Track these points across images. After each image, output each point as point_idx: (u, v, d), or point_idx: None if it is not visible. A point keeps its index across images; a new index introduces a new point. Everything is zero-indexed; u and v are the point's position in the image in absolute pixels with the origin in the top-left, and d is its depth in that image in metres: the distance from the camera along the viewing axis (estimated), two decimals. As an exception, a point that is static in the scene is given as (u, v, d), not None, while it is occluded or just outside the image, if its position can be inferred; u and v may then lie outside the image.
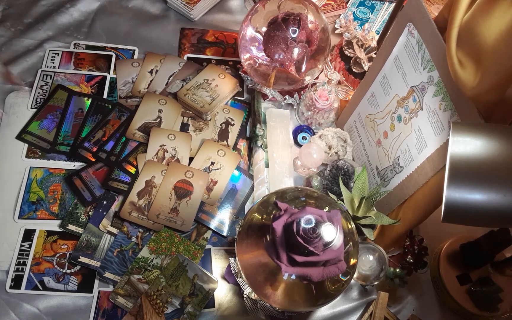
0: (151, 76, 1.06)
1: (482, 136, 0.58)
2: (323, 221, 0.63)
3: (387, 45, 0.85)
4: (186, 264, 0.83)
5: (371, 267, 0.83)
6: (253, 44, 0.98)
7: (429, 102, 0.76)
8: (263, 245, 0.66)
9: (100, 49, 1.10)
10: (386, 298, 0.82)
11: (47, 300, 0.81)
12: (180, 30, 1.17)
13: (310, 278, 0.63)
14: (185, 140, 0.97)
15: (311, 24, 0.95)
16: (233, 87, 1.06)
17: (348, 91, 1.08)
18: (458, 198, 0.56)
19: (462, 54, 0.64)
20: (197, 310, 0.80)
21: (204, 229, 0.89)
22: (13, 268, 0.82)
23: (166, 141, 0.96)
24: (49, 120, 0.97)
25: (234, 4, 1.24)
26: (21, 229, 0.86)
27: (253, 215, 0.72)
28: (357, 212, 0.85)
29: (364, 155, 0.96)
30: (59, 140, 0.95)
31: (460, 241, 0.86)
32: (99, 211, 0.88)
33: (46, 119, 0.97)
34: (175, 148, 0.95)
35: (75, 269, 0.83)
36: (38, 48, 1.08)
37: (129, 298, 0.80)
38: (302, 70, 0.97)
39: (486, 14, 0.60)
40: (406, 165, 0.82)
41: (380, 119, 0.90)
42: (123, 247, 0.85)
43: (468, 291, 0.82)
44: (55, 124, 0.97)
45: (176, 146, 0.96)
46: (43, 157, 0.93)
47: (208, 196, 0.92)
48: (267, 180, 0.94)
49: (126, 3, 1.20)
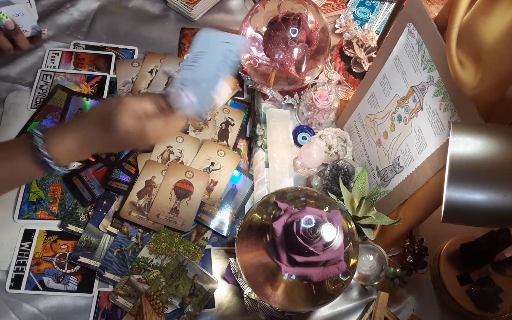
0: (151, 76, 1.06)
1: (482, 136, 0.58)
2: (323, 221, 0.63)
3: (387, 45, 0.85)
4: (186, 264, 0.83)
5: (371, 267, 0.83)
6: (253, 44, 0.98)
7: (429, 102, 0.76)
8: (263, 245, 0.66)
9: (100, 49, 1.10)
10: (386, 298, 0.82)
11: (47, 300, 0.81)
12: (180, 30, 1.17)
13: (310, 278, 0.63)
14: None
15: (311, 24, 0.95)
16: (233, 87, 1.06)
17: (348, 91, 1.08)
18: (458, 198, 0.56)
19: (462, 54, 0.64)
20: (197, 310, 0.80)
21: (204, 229, 0.89)
22: (13, 268, 0.82)
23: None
24: (48, 120, 0.97)
25: (234, 4, 1.24)
26: (21, 229, 0.86)
27: (253, 215, 0.72)
28: (357, 212, 0.84)
29: (364, 155, 0.96)
30: (59, 140, 0.95)
31: (460, 241, 0.86)
32: (99, 211, 0.88)
33: (45, 119, 0.97)
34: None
35: (75, 269, 0.83)
36: (38, 48, 1.08)
37: (129, 298, 0.80)
38: (302, 70, 0.97)
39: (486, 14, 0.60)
40: (406, 165, 0.82)
41: (380, 119, 0.90)
42: (123, 247, 0.85)
43: (468, 291, 0.82)
44: (54, 124, 0.97)
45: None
46: (43, 157, 0.93)
47: (208, 196, 0.92)
48: (267, 180, 0.94)
49: (126, 3, 1.20)
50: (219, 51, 0.71)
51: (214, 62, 0.70)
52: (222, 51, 0.71)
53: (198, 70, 0.69)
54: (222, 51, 0.71)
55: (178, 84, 0.69)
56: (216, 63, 0.70)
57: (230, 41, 0.72)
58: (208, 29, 0.73)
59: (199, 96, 0.69)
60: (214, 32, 0.72)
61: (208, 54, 0.70)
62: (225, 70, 0.70)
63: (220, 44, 0.71)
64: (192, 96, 0.68)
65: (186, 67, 0.70)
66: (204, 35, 0.72)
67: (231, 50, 0.71)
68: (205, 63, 0.70)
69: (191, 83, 0.69)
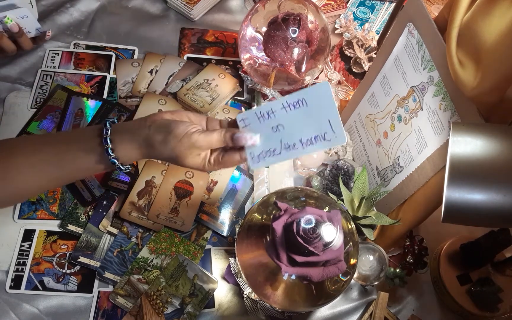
0: (151, 76, 1.06)
1: (482, 136, 0.58)
2: (323, 221, 0.63)
3: (387, 45, 0.85)
4: (186, 264, 0.83)
5: (371, 267, 0.83)
6: (253, 44, 0.98)
7: (429, 102, 0.76)
8: (263, 245, 0.66)
9: (100, 49, 1.10)
10: (386, 298, 0.82)
11: (47, 300, 0.81)
12: (180, 30, 1.17)
13: (310, 278, 0.63)
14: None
15: (311, 24, 0.95)
16: (233, 87, 1.06)
17: (348, 91, 1.08)
18: (458, 198, 0.56)
19: (462, 54, 0.64)
20: (197, 310, 0.80)
21: (204, 229, 0.89)
22: (13, 268, 0.82)
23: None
24: (48, 120, 0.97)
25: (234, 4, 1.24)
26: (21, 229, 0.85)
27: (253, 215, 0.72)
28: (357, 212, 0.84)
29: (364, 155, 0.96)
30: (59, 140, 0.95)
31: (460, 241, 0.86)
32: (99, 211, 0.88)
33: (45, 119, 0.97)
34: None
35: (75, 269, 0.83)
36: (38, 48, 1.08)
37: (129, 298, 0.80)
38: (302, 70, 0.97)
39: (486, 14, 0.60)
40: (406, 165, 0.82)
41: (380, 119, 0.90)
42: (123, 247, 0.85)
43: (468, 291, 0.82)
44: (54, 124, 0.97)
45: None
46: (43, 157, 0.93)
47: (208, 196, 0.92)
48: (267, 180, 0.94)
49: (126, 3, 1.20)
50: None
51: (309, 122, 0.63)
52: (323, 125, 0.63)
53: (286, 124, 0.63)
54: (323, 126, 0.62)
55: (249, 127, 0.64)
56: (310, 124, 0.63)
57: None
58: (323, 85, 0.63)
59: (267, 149, 0.64)
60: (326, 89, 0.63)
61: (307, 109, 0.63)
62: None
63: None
64: (259, 143, 0.64)
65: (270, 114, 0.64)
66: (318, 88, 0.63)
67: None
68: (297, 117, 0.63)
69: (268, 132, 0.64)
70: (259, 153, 0.65)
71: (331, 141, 0.62)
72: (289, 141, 0.64)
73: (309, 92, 0.62)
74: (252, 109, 0.65)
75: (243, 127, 0.65)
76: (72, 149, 0.65)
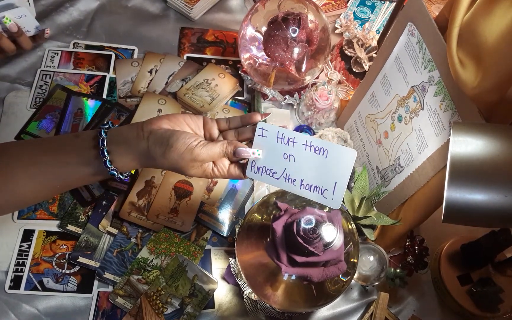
0: (151, 75, 1.06)
1: (483, 136, 0.57)
2: (323, 221, 0.63)
3: (388, 45, 0.85)
4: (185, 264, 0.83)
5: (372, 267, 0.83)
6: (253, 44, 0.97)
7: (429, 102, 0.76)
8: (263, 245, 0.66)
9: (100, 49, 1.10)
10: (386, 298, 0.81)
11: (46, 300, 0.80)
12: (180, 30, 1.17)
13: (310, 278, 0.63)
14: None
15: (311, 23, 0.95)
16: (233, 86, 1.06)
17: (349, 91, 1.08)
18: (458, 198, 0.56)
19: (463, 53, 0.64)
20: (196, 311, 0.80)
21: (204, 230, 0.89)
22: (12, 268, 0.81)
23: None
24: (48, 120, 0.97)
25: (234, 4, 1.23)
26: (20, 229, 0.85)
27: (253, 215, 0.71)
28: (357, 212, 0.84)
29: (364, 155, 0.95)
30: (58, 140, 0.95)
31: (461, 242, 0.86)
32: (98, 211, 0.87)
33: (45, 119, 0.97)
34: None
35: (74, 269, 0.83)
36: (37, 48, 1.08)
37: (129, 298, 0.80)
38: (302, 69, 0.97)
39: (487, 14, 0.60)
40: (406, 165, 0.82)
41: (380, 119, 0.89)
42: (122, 247, 0.85)
43: (469, 292, 0.82)
44: (54, 124, 0.96)
45: None
46: (42, 157, 0.93)
47: (208, 196, 0.92)
48: (267, 180, 0.94)
49: (126, 2, 1.20)
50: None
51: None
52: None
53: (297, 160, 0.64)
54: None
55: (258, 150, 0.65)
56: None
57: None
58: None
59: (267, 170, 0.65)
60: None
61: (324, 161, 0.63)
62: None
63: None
64: (259, 161, 0.65)
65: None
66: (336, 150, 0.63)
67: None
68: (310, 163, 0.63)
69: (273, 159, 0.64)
70: (260, 166, 0.65)
71: (326, 200, 0.63)
72: (291, 174, 0.64)
73: (335, 149, 0.63)
74: (275, 126, 0.65)
75: (259, 135, 0.65)
76: (71, 162, 0.65)
